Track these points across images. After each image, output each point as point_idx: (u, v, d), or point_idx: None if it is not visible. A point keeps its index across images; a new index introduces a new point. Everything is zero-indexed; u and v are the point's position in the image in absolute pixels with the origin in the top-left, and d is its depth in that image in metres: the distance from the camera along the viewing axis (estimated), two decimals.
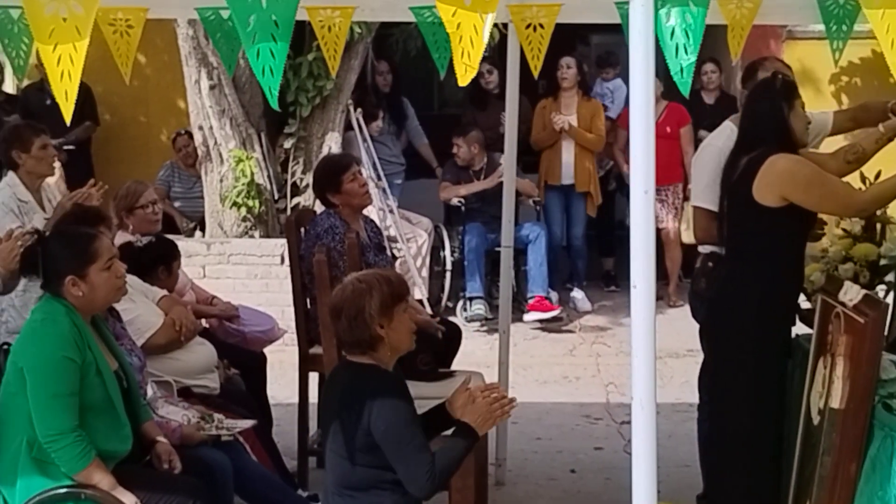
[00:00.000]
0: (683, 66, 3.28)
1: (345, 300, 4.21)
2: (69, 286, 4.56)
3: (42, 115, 10.60)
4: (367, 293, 4.19)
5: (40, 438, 4.38)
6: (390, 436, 4.07)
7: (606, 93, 11.86)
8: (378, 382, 4.18)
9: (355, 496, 4.17)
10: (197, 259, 9.67)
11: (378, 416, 4.07)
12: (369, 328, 4.18)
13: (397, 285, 4.28)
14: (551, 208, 10.93)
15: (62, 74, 3.18)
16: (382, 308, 4.19)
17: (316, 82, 10.17)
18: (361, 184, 6.68)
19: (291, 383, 6.78)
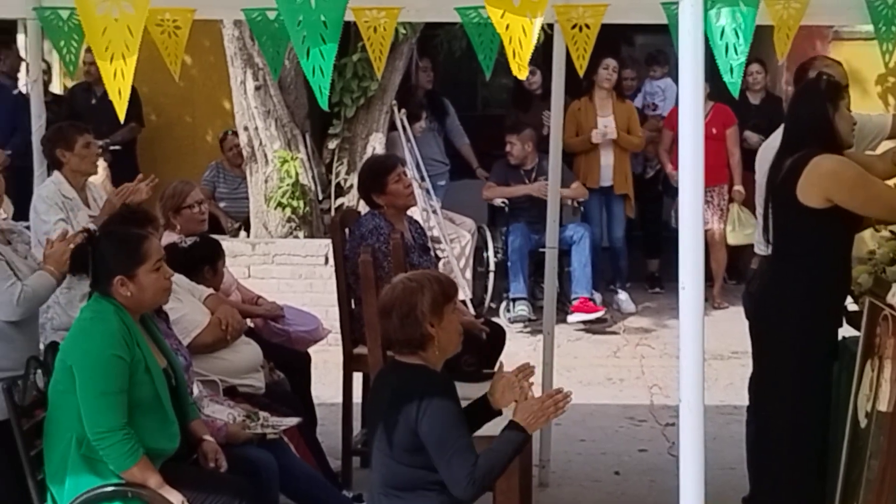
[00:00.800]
0: (733, 66, 3.26)
1: (396, 298, 4.21)
2: (118, 286, 4.59)
3: (88, 115, 10.73)
4: (419, 291, 4.19)
5: (89, 436, 4.41)
6: (434, 437, 4.06)
7: (657, 91, 11.83)
8: (426, 383, 4.18)
9: (401, 496, 4.16)
10: (242, 259, 9.70)
11: (424, 416, 4.07)
12: (421, 326, 4.18)
13: (447, 285, 4.28)
14: (591, 210, 10.89)
15: (115, 73, 3.21)
16: (433, 307, 4.19)
17: (360, 83, 10.19)
18: (406, 185, 6.68)
19: (335, 383, 6.79)
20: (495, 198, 10.66)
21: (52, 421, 4.58)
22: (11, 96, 10.88)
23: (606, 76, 10.74)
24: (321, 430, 6.53)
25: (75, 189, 6.46)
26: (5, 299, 4.59)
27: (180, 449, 4.71)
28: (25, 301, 4.63)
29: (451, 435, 4.07)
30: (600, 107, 10.80)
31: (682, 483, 3.20)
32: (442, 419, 4.08)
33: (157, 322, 5.16)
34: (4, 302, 4.59)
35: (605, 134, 10.60)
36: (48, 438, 4.59)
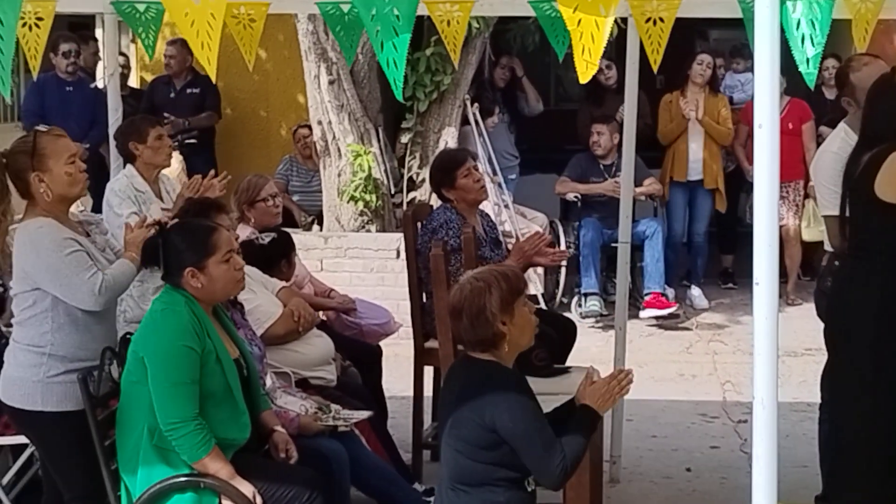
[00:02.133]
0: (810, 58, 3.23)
1: (464, 299, 4.20)
2: (188, 277, 4.62)
3: (166, 108, 10.85)
4: (486, 291, 4.17)
5: (161, 427, 4.45)
6: (519, 431, 4.05)
7: (737, 84, 11.74)
8: (499, 379, 4.16)
9: (469, 492, 4.16)
10: (314, 252, 9.75)
11: (503, 412, 4.05)
12: (492, 326, 4.16)
13: (514, 280, 4.25)
14: (674, 204, 10.83)
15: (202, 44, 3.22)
16: (503, 305, 4.16)
17: (434, 77, 10.20)
18: (476, 179, 6.68)
19: (406, 376, 6.81)
20: (568, 193, 10.63)
21: (124, 411, 4.62)
22: (89, 90, 11.01)
23: (700, 71, 10.68)
24: (392, 423, 6.55)
25: (148, 182, 6.51)
26: (87, 289, 4.63)
27: (251, 440, 4.74)
28: (107, 290, 4.67)
29: (535, 427, 4.06)
30: (691, 101, 10.73)
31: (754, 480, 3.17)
32: (522, 414, 4.07)
33: (232, 312, 5.21)
34: (86, 292, 4.63)
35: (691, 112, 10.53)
36: (121, 429, 4.63)
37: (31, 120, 10.63)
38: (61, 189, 4.74)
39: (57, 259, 4.63)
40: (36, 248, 4.67)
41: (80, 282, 4.63)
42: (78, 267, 4.64)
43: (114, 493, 4.64)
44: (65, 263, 4.63)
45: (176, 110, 11.04)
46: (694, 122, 10.63)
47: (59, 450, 4.80)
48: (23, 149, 4.77)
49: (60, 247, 4.64)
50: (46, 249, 4.65)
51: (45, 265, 4.66)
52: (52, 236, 4.67)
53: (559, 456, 4.05)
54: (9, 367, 4.82)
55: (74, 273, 4.63)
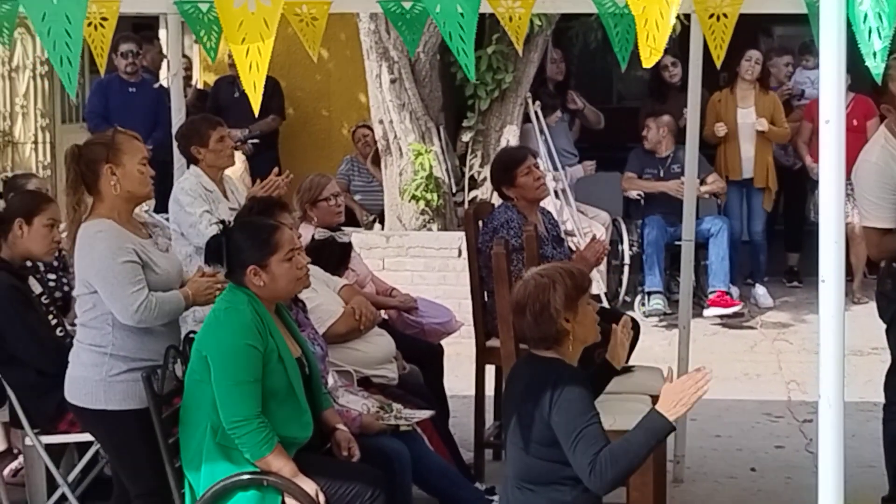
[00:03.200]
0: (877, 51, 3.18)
1: (528, 295, 4.18)
2: (251, 276, 4.64)
3: (230, 108, 10.93)
4: (551, 287, 4.15)
5: (224, 425, 4.47)
6: (563, 424, 4.01)
7: (806, 81, 11.64)
8: (561, 376, 4.13)
9: (535, 490, 4.14)
10: (376, 251, 9.78)
11: (557, 408, 4.03)
12: (555, 323, 4.14)
13: (579, 277, 4.23)
14: (732, 203, 10.77)
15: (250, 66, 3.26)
16: (567, 301, 4.14)
17: (495, 75, 10.19)
18: (536, 177, 6.66)
19: (468, 375, 6.80)
20: (632, 190, 10.59)
21: (187, 409, 4.65)
22: (153, 91, 11.10)
23: (749, 68, 10.61)
24: (453, 422, 6.54)
25: (214, 182, 6.55)
26: (127, 303, 4.64)
27: (313, 438, 4.75)
28: (146, 311, 4.65)
29: (579, 421, 4.00)
30: (741, 98, 10.67)
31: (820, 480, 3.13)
32: (572, 408, 4.03)
33: (294, 311, 5.23)
34: (125, 306, 4.65)
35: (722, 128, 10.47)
36: (184, 426, 4.66)
37: (94, 121, 10.75)
38: (131, 186, 4.79)
39: (107, 266, 4.67)
40: (91, 252, 4.72)
41: (122, 294, 4.65)
42: (125, 279, 4.66)
43: (178, 490, 4.67)
44: (113, 272, 4.66)
45: (239, 110, 11.10)
46: (744, 119, 10.54)
47: (123, 447, 4.84)
48: (101, 140, 4.86)
49: (114, 254, 4.67)
50: (100, 254, 4.69)
51: (95, 269, 4.70)
52: (109, 242, 4.70)
53: (592, 457, 3.94)
54: (73, 366, 4.86)
55: (119, 284, 4.66)
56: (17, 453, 6.62)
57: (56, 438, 5.74)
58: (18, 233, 5.79)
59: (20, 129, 11.79)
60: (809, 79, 11.68)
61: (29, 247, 5.84)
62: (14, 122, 11.78)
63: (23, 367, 5.64)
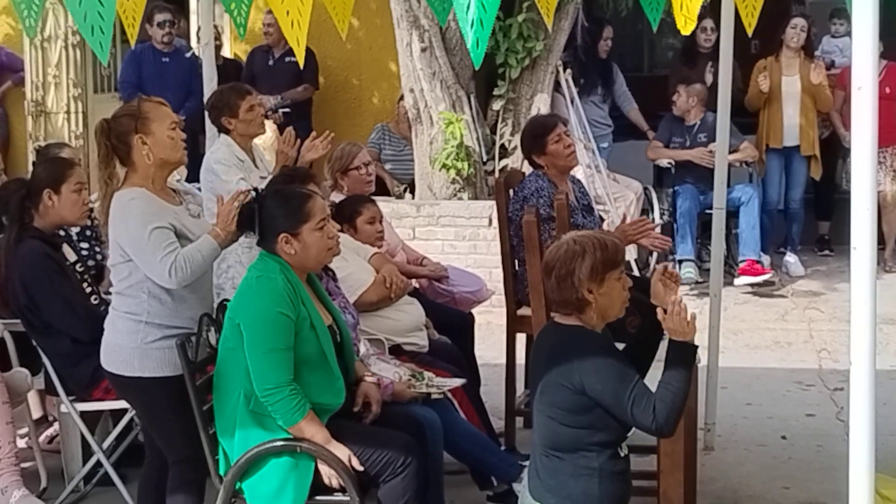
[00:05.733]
0: None
1: (557, 259, 4.17)
2: (282, 244, 4.66)
3: (263, 76, 10.97)
4: (580, 255, 4.13)
5: (257, 392, 4.51)
6: (608, 391, 4.02)
7: (835, 50, 11.57)
8: (585, 343, 4.14)
9: (562, 457, 4.15)
10: (407, 221, 9.80)
11: (591, 374, 4.03)
12: (577, 291, 4.13)
13: (612, 251, 4.18)
14: (771, 171, 10.73)
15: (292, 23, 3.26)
16: (592, 273, 4.12)
17: (525, 44, 10.16)
18: (567, 145, 6.64)
19: (498, 344, 6.82)
20: (659, 159, 10.58)
21: (221, 377, 4.69)
22: (186, 61, 11.13)
23: (794, 35, 10.56)
24: (484, 390, 6.56)
25: (244, 150, 6.57)
26: (161, 268, 4.67)
27: (346, 405, 4.78)
28: (179, 271, 4.67)
29: (624, 385, 4.01)
30: (786, 66, 10.63)
31: (851, 448, 3.13)
32: (610, 373, 4.04)
33: (325, 280, 5.25)
34: (161, 271, 4.68)
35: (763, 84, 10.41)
36: (217, 393, 4.70)
37: (128, 90, 10.79)
38: (163, 153, 4.81)
39: (140, 233, 4.69)
40: (125, 219, 4.74)
41: (154, 260, 4.68)
42: (157, 244, 4.68)
43: (212, 456, 4.71)
44: (146, 239, 4.68)
45: (273, 79, 11.14)
46: (788, 87, 10.51)
47: (159, 414, 4.88)
48: (127, 112, 4.87)
49: (147, 221, 4.70)
50: (134, 221, 4.72)
51: (129, 237, 4.73)
52: (142, 209, 4.73)
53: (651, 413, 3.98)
54: (109, 334, 4.90)
55: (152, 250, 4.68)
56: (52, 420, 6.69)
57: (91, 406, 5.80)
58: (49, 203, 5.82)
59: (52, 99, 11.83)
60: (838, 47, 11.61)
61: (62, 214, 5.87)
62: (46, 91, 11.82)
63: (58, 336, 5.70)
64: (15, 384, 5.91)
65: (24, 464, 5.90)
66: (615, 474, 4.14)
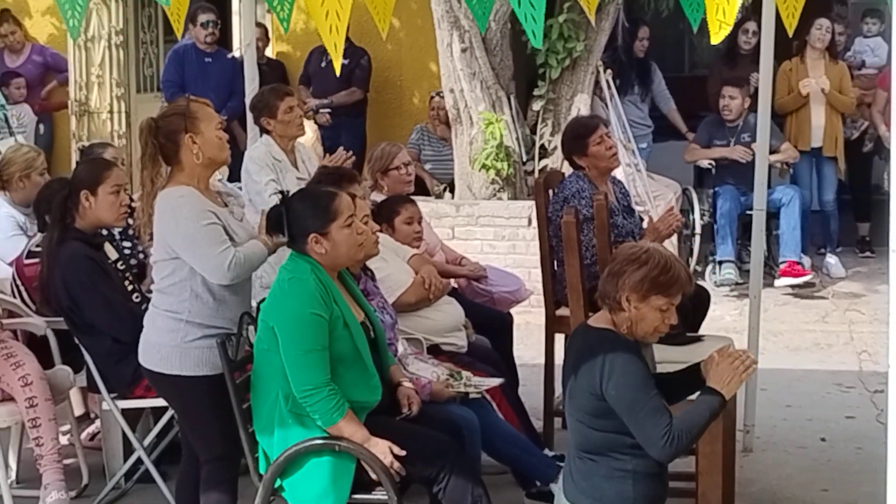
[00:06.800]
0: None
1: (620, 254, 4.20)
2: (312, 243, 4.68)
3: (317, 77, 11.05)
4: (638, 263, 4.10)
5: (295, 393, 4.53)
6: (623, 400, 4.01)
7: (866, 49, 11.51)
8: (611, 347, 4.12)
9: (596, 460, 4.15)
10: (446, 220, 9.81)
11: (610, 380, 4.03)
12: (616, 292, 4.12)
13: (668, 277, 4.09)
14: (801, 173, 10.68)
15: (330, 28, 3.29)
16: (637, 286, 4.09)
17: (566, 44, 10.15)
18: (608, 146, 6.65)
19: (537, 344, 6.82)
20: (696, 160, 10.55)
21: (258, 377, 4.72)
22: (228, 61, 11.19)
23: (819, 36, 10.50)
24: (523, 390, 6.56)
25: (284, 151, 6.61)
26: (217, 263, 4.71)
27: (383, 402, 4.80)
28: (236, 267, 4.74)
29: (641, 396, 4.01)
30: (811, 67, 10.57)
31: (890, 451, 3.14)
32: (629, 381, 4.03)
33: (363, 280, 5.28)
34: (217, 265, 4.72)
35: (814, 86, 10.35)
36: (255, 393, 4.73)
37: (171, 90, 10.86)
38: (211, 152, 4.86)
39: (194, 229, 4.73)
40: (175, 217, 4.77)
41: (212, 255, 4.72)
42: (212, 239, 4.73)
43: (251, 455, 4.74)
44: (200, 234, 4.73)
45: (325, 81, 11.19)
46: (816, 90, 10.45)
47: (195, 412, 4.92)
48: (177, 111, 4.91)
49: (199, 217, 4.74)
50: (185, 218, 4.75)
51: (182, 234, 4.76)
52: (192, 206, 4.77)
53: (664, 428, 3.97)
54: (148, 331, 4.94)
55: (208, 245, 4.73)
56: (94, 418, 6.75)
57: (132, 403, 5.84)
58: (86, 204, 5.85)
59: (96, 99, 11.92)
60: (869, 47, 11.54)
61: (99, 216, 5.89)
62: (90, 91, 11.91)
63: (100, 335, 5.75)
64: (57, 382, 5.97)
65: (67, 460, 5.95)
66: (651, 476, 4.14)
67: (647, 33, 11.20)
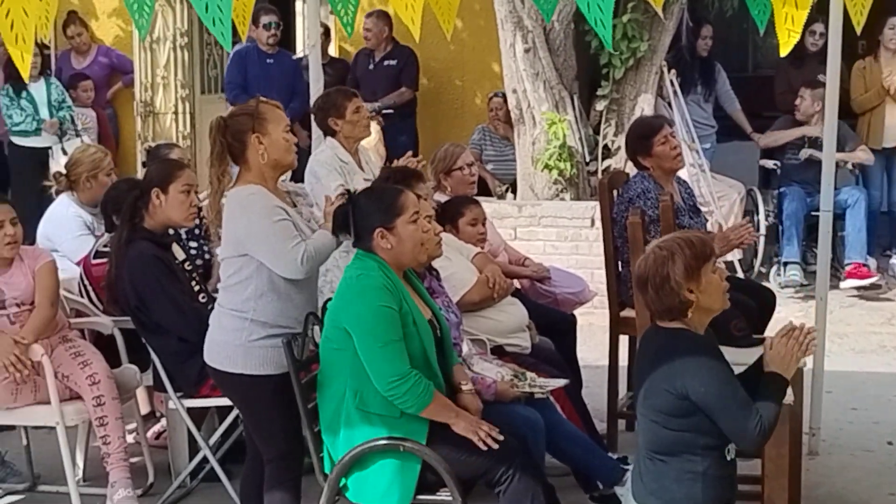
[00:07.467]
0: None
1: (648, 269, 4.16)
2: (378, 239, 4.69)
3: (365, 79, 11.04)
4: (670, 259, 4.11)
5: (380, 388, 4.52)
6: (712, 396, 4.01)
7: None
8: (689, 346, 4.12)
9: (667, 461, 4.14)
10: (508, 221, 9.80)
11: (695, 379, 4.02)
12: (678, 295, 4.11)
13: (699, 246, 4.16)
14: (871, 172, 10.58)
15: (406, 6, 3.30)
16: (688, 272, 4.10)
17: (630, 44, 10.12)
18: (673, 146, 6.61)
19: (600, 346, 6.80)
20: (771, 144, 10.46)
21: (325, 376, 4.73)
22: (289, 62, 11.23)
23: (891, 36, 10.41)
24: (586, 391, 6.54)
25: (350, 153, 6.63)
26: (291, 258, 4.75)
27: None
28: (309, 260, 4.78)
29: (728, 390, 4.01)
30: (886, 66, 10.47)
31: None
32: (713, 379, 4.03)
33: (428, 279, 5.29)
34: (290, 260, 4.75)
35: None
36: (321, 392, 4.74)
37: (233, 91, 10.93)
38: (277, 154, 4.89)
39: (266, 225, 4.77)
40: (247, 214, 4.81)
41: (285, 250, 4.75)
42: (285, 235, 4.77)
43: (317, 454, 4.75)
44: (273, 231, 4.76)
45: (373, 82, 11.20)
46: None
47: (259, 411, 4.94)
48: (245, 111, 4.95)
49: (270, 214, 4.78)
50: (257, 215, 4.79)
51: (254, 231, 4.80)
52: (263, 203, 4.81)
53: (755, 417, 3.99)
54: (213, 330, 4.98)
55: (280, 241, 4.76)
56: (159, 416, 6.80)
57: (198, 402, 5.88)
58: (157, 202, 5.91)
59: (161, 100, 12.03)
60: None
61: (168, 215, 5.96)
62: (155, 92, 12.01)
63: (166, 335, 5.79)
64: (124, 380, 6.03)
65: (133, 459, 6.00)
66: (720, 478, 4.13)
67: (710, 32, 11.12)
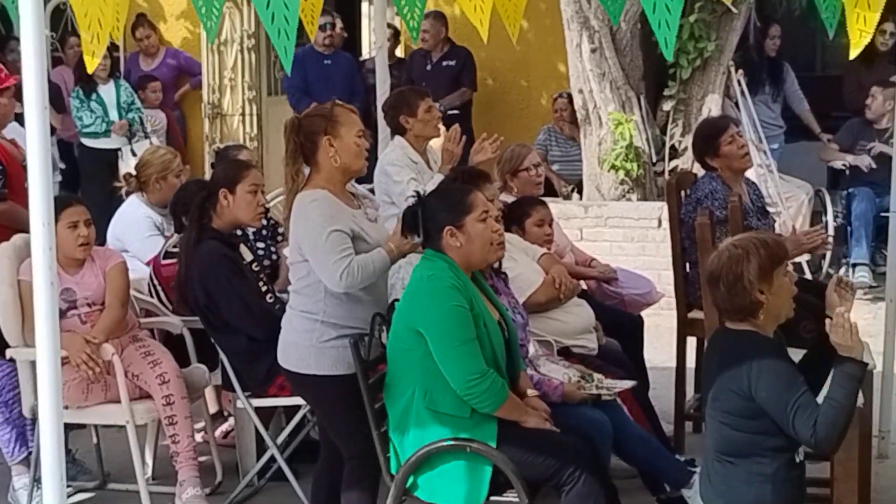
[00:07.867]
0: None
1: (721, 267, 4.15)
2: (447, 237, 4.69)
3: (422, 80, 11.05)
4: (745, 258, 4.11)
5: (458, 388, 4.53)
6: (773, 399, 3.99)
7: None
8: (756, 348, 4.11)
9: (736, 463, 4.12)
10: (574, 222, 9.77)
11: (759, 381, 4.01)
12: (749, 294, 4.10)
13: (774, 248, 4.16)
14: None
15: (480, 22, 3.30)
16: (761, 273, 4.09)
17: (697, 44, 10.05)
18: (740, 146, 6.57)
19: (667, 347, 6.76)
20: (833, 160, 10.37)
21: (393, 376, 4.74)
22: (347, 63, 11.27)
23: None
24: (653, 393, 6.51)
25: (418, 152, 6.63)
26: (331, 271, 4.75)
27: None
28: (349, 277, 4.75)
29: (790, 394, 3.98)
30: None
31: None
32: (777, 380, 4.01)
33: (495, 280, 5.28)
34: (329, 274, 4.76)
35: None
36: (389, 392, 4.75)
37: (295, 95, 10.98)
38: (347, 158, 4.91)
39: (318, 234, 4.79)
40: (305, 220, 4.85)
41: (328, 263, 4.77)
42: (332, 248, 4.77)
43: (384, 454, 4.76)
44: (322, 241, 4.78)
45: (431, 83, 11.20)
46: None
47: (334, 411, 4.97)
48: (320, 112, 4.99)
49: (326, 223, 4.79)
50: (313, 223, 4.82)
51: (307, 237, 4.84)
52: (321, 211, 4.83)
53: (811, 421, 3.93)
54: (286, 332, 5.01)
55: (325, 254, 4.78)
56: (227, 416, 6.85)
57: (265, 402, 5.91)
58: (224, 202, 5.97)
59: (228, 102, 12.13)
60: None
61: (236, 214, 6.01)
62: (223, 94, 12.11)
63: (235, 334, 5.83)
64: (193, 380, 6.08)
65: (201, 458, 6.04)
66: (789, 481, 4.11)
67: (778, 32, 11.04)
